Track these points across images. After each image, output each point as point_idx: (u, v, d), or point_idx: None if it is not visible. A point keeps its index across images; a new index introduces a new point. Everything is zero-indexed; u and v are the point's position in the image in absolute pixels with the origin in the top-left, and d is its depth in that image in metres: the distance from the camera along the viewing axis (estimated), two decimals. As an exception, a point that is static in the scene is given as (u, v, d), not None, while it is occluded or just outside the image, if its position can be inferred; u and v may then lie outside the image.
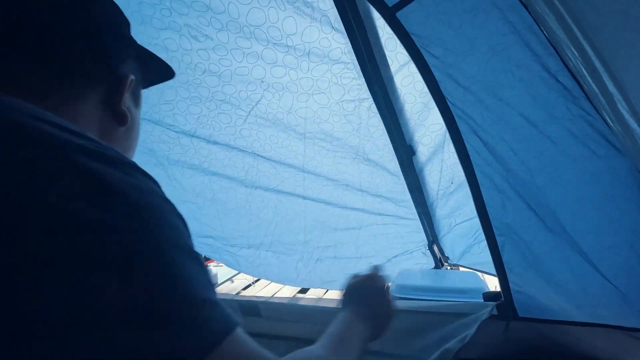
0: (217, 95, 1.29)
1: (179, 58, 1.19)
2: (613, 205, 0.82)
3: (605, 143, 0.75)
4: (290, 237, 1.72)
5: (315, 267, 1.78)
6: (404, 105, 1.29)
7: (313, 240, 1.72)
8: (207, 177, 1.56)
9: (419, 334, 1.11)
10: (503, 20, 0.73)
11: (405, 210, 1.62)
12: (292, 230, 1.70)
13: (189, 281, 0.29)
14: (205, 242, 1.83)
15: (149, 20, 1.11)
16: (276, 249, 1.77)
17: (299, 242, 1.73)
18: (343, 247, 1.73)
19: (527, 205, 0.91)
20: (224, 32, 1.11)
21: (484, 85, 0.81)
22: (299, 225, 1.68)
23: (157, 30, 1.13)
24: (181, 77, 1.26)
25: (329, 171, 1.50)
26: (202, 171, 1.54)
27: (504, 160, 0.88)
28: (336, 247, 1.73)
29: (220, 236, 1.78)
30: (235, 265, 1.89)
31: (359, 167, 1.48)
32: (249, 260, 1.83)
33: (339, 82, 1.21)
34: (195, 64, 1.20)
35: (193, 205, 1.65)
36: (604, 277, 0.89)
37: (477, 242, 1.57)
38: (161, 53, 1.19)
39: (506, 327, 1.06)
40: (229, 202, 1.65)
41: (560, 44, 0.66)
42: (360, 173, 1.50)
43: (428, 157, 1.45)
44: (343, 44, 1.11)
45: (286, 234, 1.72)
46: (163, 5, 1.07)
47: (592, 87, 0.66)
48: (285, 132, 1.39)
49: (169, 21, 1.10)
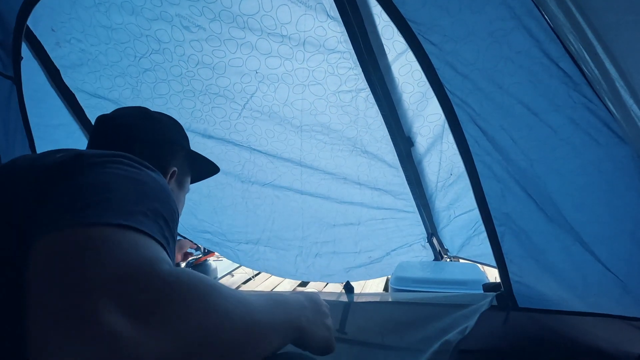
0: (211, 88, 1.27)
1: (171, 50, 1.17)
2: (614, 194, 0.81)
3: (607, 131, 0.74)
4: (288, 233, 1.72)
5: (315, 262, 1.77)
6: (402, 95, 1.27)
7: (311, 236, 1.71)
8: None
9: (418, 325, 1.11)
10: (503, 5, 0.71)
11: (404, 203, 1.61)
12: (290, 226, 1.69)
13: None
14: (204, 237, 1.82)
15: (140, 10, 1.08)
16: (274, 244, 1.76)
17: (297, 238, 1.72)
18: (342, 243, 1.73)
19: (527, 195, 0.89)
20: (217, 22, 1.09)
21: (484, 72, 0.79)
22: (297, 222, 1.67)
23: (149, 21, 1.11)
24: (174, 69, 1.23)
25: (327, 165, 1.48)
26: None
27: (504, 149, 0.86)
28: (335, 242, 1.72)
29: (217, 232, 1.78)
30: (235, 259, 1.89)
31: (356, 159, 1.46)
32: (248, 254, 1.82)
33: (336, 73, 1.19)
34: (188, 55, 1.18)
35: (189, 202, 1.64)
36: (604, 267, 0.88)
37: (476, 234, 1.57)
38: (152, 45, 1.17)
39: (506, 318, 1.06)
40: (225, 198, 1.64)
41: (562, 28, 0.64)
42: (359, 166, 1.48)
43: (427, 148, 1.43)
44: (339, 32, 1.09)
45: (284, 230, 1.71)
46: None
47: (594, 73, 0.64)
48: (281, 125, 1.37)
49: (159, 11, 1.08)
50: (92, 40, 1.20)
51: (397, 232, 1.71)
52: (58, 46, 1.25)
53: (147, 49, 1.18)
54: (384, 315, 1.18)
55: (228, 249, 1.85)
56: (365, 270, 1.79)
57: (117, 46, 1.20)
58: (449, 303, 1.11)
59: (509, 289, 1.04)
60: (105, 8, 1.10)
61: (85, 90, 1.38)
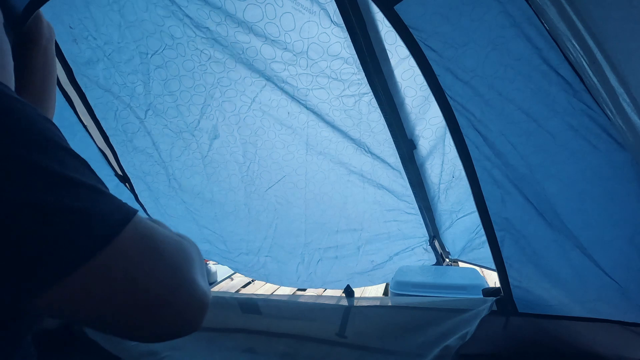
0: (223, 81, 1.28)
1: (184, 44, 1.19)
2: (613, 200, 0.82)
3: (606, 137, 0.75)
4: (290, 240, 1.70)
5: (317, 269, 1.76)
6: (405, 99, 1.28)
7: (314, 242, 1.70)
8: (206, 177, 1.54)
9: (418, 330, 1.11)
10: (503, 12, 0.72)
11: (406, 205, 1.61)
12: (293, 232, 1.68)
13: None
14: (202, 248, 1.82)
15: (154, 8, 1.12)
16: (276, 254, 1.74)
17: (299, 245, 1.71)
18: (344, 248, 1.72)
19: (527, 200, 0.90)
20: (223, 26, 1.10)
21: (484, 79, 0.81)
22: (299, 228, 1.66)
23: (162, 18, 1.14)
24: (187, 64, 1.24)
25: (332, 157, 1.48)
26: (202, 168, 1.52)
27: (504, 154, 0.87)
28: (337, 248, 1.71)
29: (218, 239, 1.76)
30: (234, 268, 1.89)
31: (360, 158, 1.46)
32: (247, 265, 1.81)
33: (339, 78, 1.20)
34: (201, 50, 1.20)
35: (190, 207, 1.64)
36: (603, 272, 0.89)
37: (478, 237, 1.57)
38: (166, 39, 1.19)
39: (506, 323, 1.06)
40: (227, 204, 1.63)
41: (561, 36, 0.66)
42: (363, 164, 1.48)
43: (429, 150, 1.44)
44: (342, 38, 1.10)
45: (286, 237, 1.70)
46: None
47: (592, 80, 0.65)
48: (286, 127, 1.38)
49: (171, 10, 1.10)
50: (105, 38, 1.22)
51: (400, 235, 1.71)
52: (75, 43, 1.26)
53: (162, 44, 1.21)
54: (384, 320, 1.18)
55: (228, 260, 1.83)
56: (368, 277, 1.78)
57: (129, 44, 1.22)
58: (448, 307, 1.11)
59: (508, 293, 1.04)
60: (119, 6, 1.13)
61: (100, 86, 1.39)
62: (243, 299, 1.38)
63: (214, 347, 1.30)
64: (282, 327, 1.29)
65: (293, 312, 1.29)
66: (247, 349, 1.27)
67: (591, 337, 0.99)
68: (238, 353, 1.26)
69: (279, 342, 1.27)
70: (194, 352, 1.28)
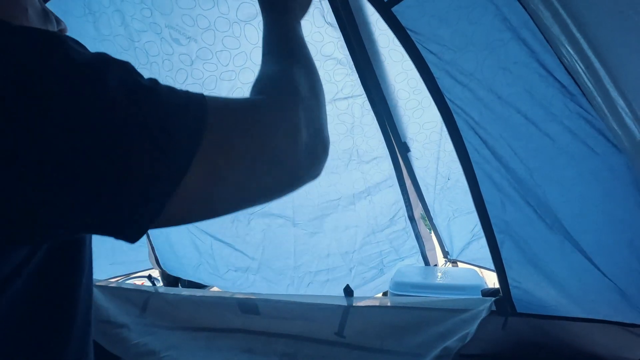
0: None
1: (159, 63, 1.15)
2: (612, 203, 0.81)
3: (603, 140, 0.75)
4: (279, 262, 1.65)
5: (307, 290, 1.71)
6: (398, 102, 1.28)
7: (304, 265, 1.65)
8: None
9: (417, 330, 1.11)
10: (499, 16, 0.71)
11: (398, 216, 1.58)
12: (282, 254, 1.63)
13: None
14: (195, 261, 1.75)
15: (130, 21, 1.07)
16: (265, 274, 1.69)
17: (288, 267, 1.65)
18: (335, 270, 1.67)
19: (526, 203, 0.90)
20: (210, 32, 1.08)
21: (483, 82, 0.80)
22: (289, 250, 1.61)
23: (138, 32, 1.10)
24: (165, 80, 1.22)
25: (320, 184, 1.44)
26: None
27: (503, 158, 0.87)
28: (328, 271, 1.66)
29: (207, 252, 1.70)
30: (222, 286, 1.80)
31: (351, 174, 1.43)
32: (236, 283, 1.75)
33: (332, 80, 1.19)
34: (176, 70, 1.16)
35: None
36: (602, 274, 0.89)
37: (476, 237, 1.57)
38: (141, 57, 1.16)
39: (504, 323, 1.06)
40: (212, 225, 1.59)
41: (555, 40, 0.65)
42: (354, 182, 1.45)
43: (423, 154, 1.44)
44: (336, 38, 1.09)
45: (275, 259, 1.64)
46: (144, 5, 1.02)
47: (586, 85, 0.65)
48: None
49: (149, 22, 1.06)
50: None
51: (392, 250, 1.68)
52: None
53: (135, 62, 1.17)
54: (383, 320, 1.19)
55: (217, 277, 1.75)
56: (360, 292, 1.73)
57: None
58: (447, 308, 1.11)
59: (507, 294, 1.04)
60: (95, 18, 1.08)
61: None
62: (242, 299, 1.38)
63: (212, 347, 1.30)
64: (281, 327, 1.30)
65: (292, 312, 1.29)
66: (246, 349, 1.27)
67: (590, 338, 0.99)
68: (237, 353, 1.26)
69: (277, 342, 1.27)
70: (193, 352, 1.28)
